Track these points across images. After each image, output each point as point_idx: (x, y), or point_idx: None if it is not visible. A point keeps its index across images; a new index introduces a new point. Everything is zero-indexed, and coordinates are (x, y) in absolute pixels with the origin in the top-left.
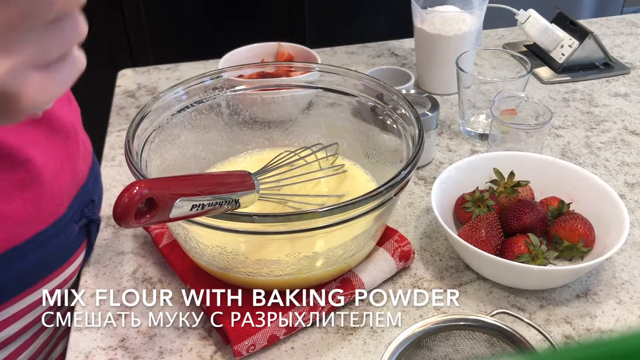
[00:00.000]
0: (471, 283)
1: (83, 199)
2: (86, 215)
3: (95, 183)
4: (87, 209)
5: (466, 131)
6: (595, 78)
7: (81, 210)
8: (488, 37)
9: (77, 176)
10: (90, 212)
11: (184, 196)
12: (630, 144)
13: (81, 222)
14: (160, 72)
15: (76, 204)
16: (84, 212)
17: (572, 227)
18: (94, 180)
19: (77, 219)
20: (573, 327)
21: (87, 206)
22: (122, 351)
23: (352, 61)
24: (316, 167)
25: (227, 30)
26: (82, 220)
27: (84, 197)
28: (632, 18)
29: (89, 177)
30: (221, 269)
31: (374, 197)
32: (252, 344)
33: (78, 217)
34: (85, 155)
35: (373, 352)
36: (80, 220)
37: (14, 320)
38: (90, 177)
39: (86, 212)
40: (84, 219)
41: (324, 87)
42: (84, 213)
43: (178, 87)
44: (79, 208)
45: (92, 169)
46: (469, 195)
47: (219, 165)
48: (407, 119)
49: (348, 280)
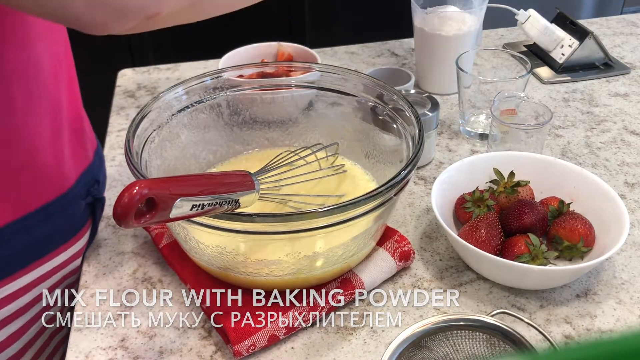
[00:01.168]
0: (471, 283)
1: (89, 177)
2: (92, 193)
3: (100, 165)
4: (93, 188)
5: (466, 131)
6: (595, 78)
7: (87, 189)
8: (488, 37)
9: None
10: (95, 191)
11: (184, 196)
12: (630, 144)
13: (87, 199)
14: (160, 72)
15: (82, 181)
16: (90, 191)
17: (572, 227)
18: (99, 163)
19: (84, 196)
20: (573, 327)
21: (92, 185)
22: (122, 351)
23: (352, 61)
24: (316, 167)
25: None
26: (88, 198)
27: (89, 176)
28: (632, 18)
29: (95, 159)
30: (221, 269)
31: (374, 197)
32: (252, 344)
33: (84, 194)
34: (92, 139)
35: (373, 352)
36: (86, 197)
37: (22, 293)
38: (95, 159)
39: (92, 190)
40: (90, 197)
41: (324, 87)
42: (90, 191)
43: (178, 87)
44: (85, 185)
45: (97, 152)
46: (469, 195)
47: (219, 165)
48: (407, 119)
49: (348, 280)
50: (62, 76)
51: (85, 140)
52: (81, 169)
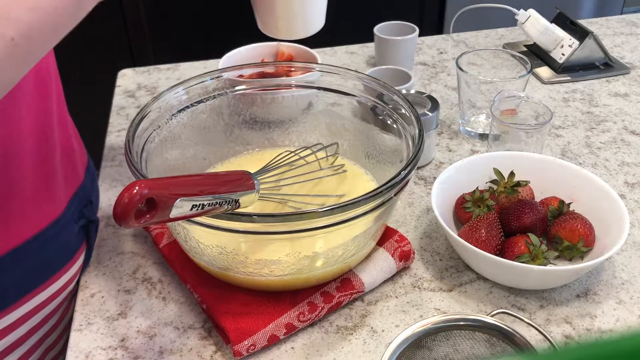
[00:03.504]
0: (471, 283)
1: (81, 198)
2: (85, 215)
3: (92, 184)
4: (86, 209)
5: (466, 131)
6: (595, 78)
7: (80, 210)
8: (488, 37)
9: (71, 175)
10: (89, 213)
11: (184, 196)
12: (630, 144)
13: (80, 222)
14: (160, 72)
15: (74, 203)
16: (83, 212)
17: (572, 227)
18: (90, 181)
19: (77, 219)
20: (573, 327)
21: (85, 206)
22: (122, 351)
23: (352, 61)
24: (316, 167)
25: (227, 30)
26: (81, 220)
27: (81, 196)
28: (632, 18)
29: (86, 177)
30: (221, 269)
31: (374, 197)
32: (252, 344)
33: (77, 217)
34: (82, 155)
35: (373, 352)
36: (79, 220)
37: (19, 324)
38: (87, 177)
39: (85, 212)
40: (83, 219)
41: (324, 87)
42: (82, 213)
43: (178, 87)
44: (78, 207)
45: (88, 169)
46: (469, 195)
47: (219, 165)
48: (407, 119)
49: (348, 280)
50: (51, 94)
51: (75, 159)
52: (72, 190)
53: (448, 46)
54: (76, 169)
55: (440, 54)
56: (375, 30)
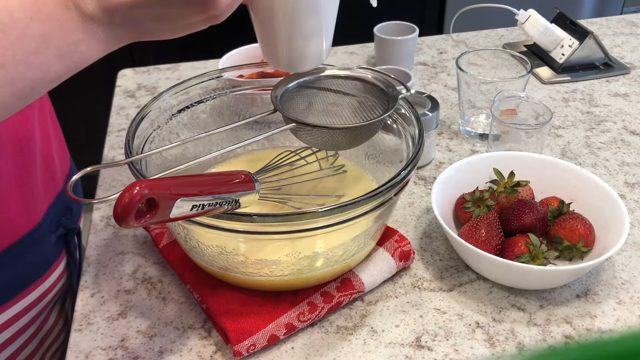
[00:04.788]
0: (471, 283)
1: (59, 206)
2: (63, 224)
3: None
4: (65, 218)
5: (466, 131)
6: (595, 78)
7: (58, 219)
8: (488, 37)
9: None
10: (67, 221)
11: (184, 196)
12: (630, 144)
13: (58, 231)
14: (160, 72)
15: (52, 212)
16: (61, 221)
17: (572, 227)
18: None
19: (54, 229)
20: (573, 327)
21: (64, 215)
22: (122, 351)
23: (352, 61)
24: (316, 167)
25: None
26: (58, 230)
27: (60, 204)
28: (632, 18)
29: (66, 185)
30: (221, 269)
31: (374, 197)
32: (252, 344)
33: (54, 227)
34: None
35: (373, 352)
36: (57, 229)
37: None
38: (66, 184)
39: (63, 221)
40: (61, 229)
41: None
42: (61, 222)
43: (178, 87)
44: (56, 216)
45: (69, 176)
46: (469, 195)
47: (219, 165)
48: (407, 119)
49: (348, 280)
50: (32, 106)
51: (53, 166)
52: (50, 199)
53: (448, 46)
54: (55, 177)
55: (440, 54)
56: (375, 30)
